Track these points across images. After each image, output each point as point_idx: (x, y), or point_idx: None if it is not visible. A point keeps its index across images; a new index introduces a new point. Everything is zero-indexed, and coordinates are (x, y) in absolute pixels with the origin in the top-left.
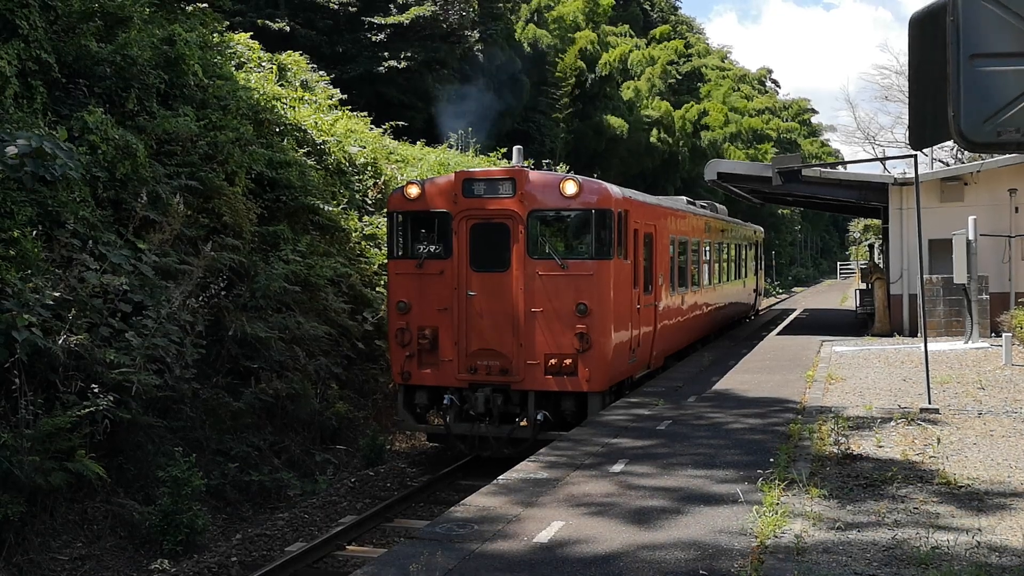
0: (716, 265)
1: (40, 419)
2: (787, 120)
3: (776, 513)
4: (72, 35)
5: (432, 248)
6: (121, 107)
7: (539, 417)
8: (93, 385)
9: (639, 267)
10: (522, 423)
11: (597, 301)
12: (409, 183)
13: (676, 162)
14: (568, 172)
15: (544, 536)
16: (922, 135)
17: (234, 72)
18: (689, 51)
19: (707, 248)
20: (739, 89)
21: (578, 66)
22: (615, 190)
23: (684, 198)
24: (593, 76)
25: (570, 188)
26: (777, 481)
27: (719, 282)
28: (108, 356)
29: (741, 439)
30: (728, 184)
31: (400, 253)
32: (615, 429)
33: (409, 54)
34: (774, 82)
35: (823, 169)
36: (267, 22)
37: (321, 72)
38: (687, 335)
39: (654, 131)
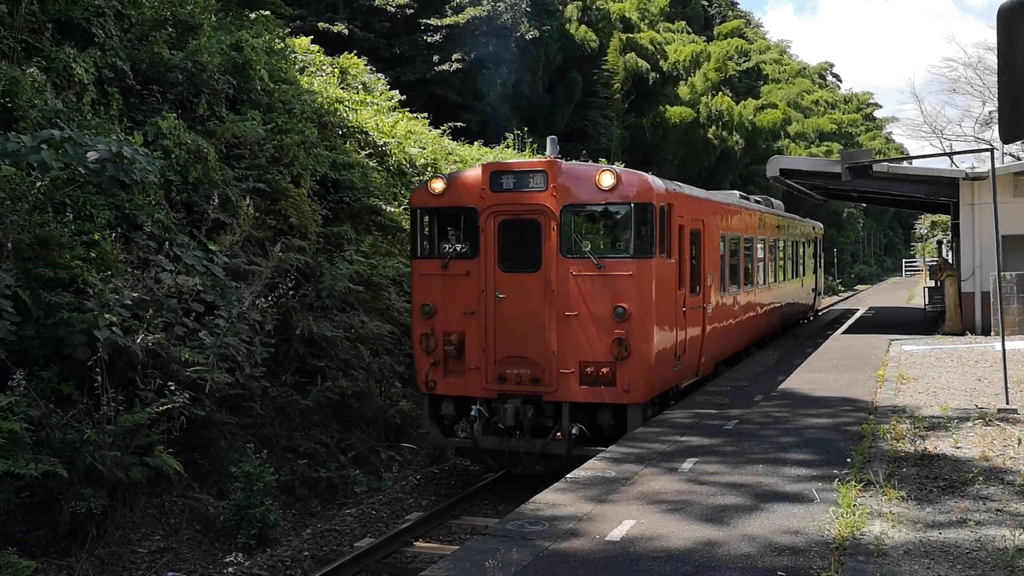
0: (771, 263)
1: (121, 415)
2: (848, 114)
3: (854, 514)
4: (145, 43)
5: (458, 247)
6: (192, 112)
7: (574, 431)
8: (169, 383)
9: (684, 266)
10: (558, 436)
11: (637, 303)
12: (434, 177)
13: (732, 158)
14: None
15: (616, 534)
16: (1014, 128)
17: (298, 76)
18: (748, 47)
19: (761, 245)
20: (794, 82)
21: (634, 63)
22: (657, 182)
23: (737, 192)
24: (653, 75)
25: (607, 180)
26: (853, 481)
27: (775, 281)
28: (183, 355)
29: (812, 438)
30: (790, 180)
31: (424, 253)
32: (681, 427)
33: (460, 55)
34: (835, 76)
35: (892, 164)
36: (327, 26)
37: (379, 75)
38: (740, 339)
39: (712, 128)
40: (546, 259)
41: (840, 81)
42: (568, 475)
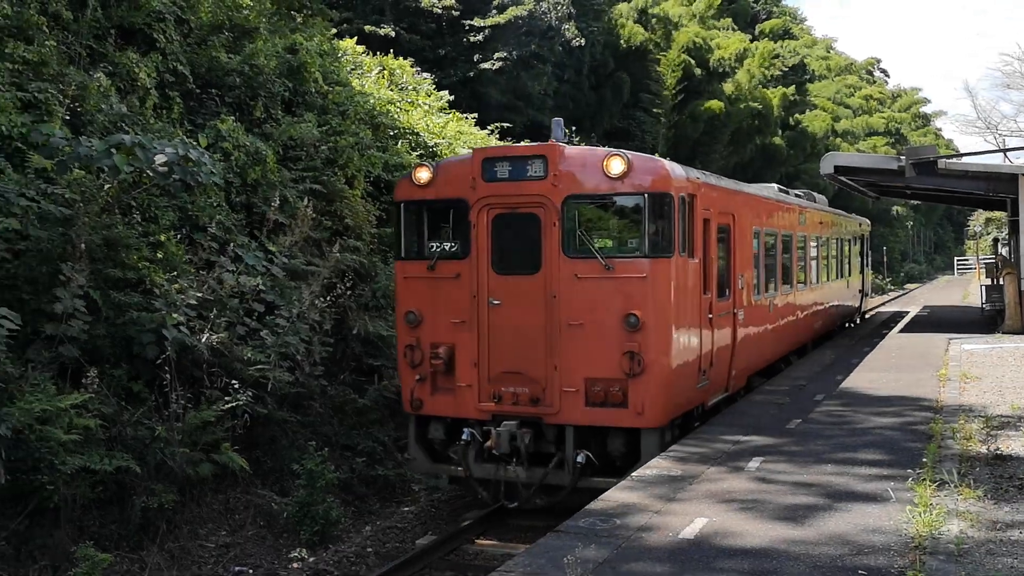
0: (813, 262)
1: (188, 413)
2: (895, 111)
3: (931, 513)
4: (204, 47)
5: (446, 246)
6: (249, 115)
7: (579, 459)
8: (233, 381)
9: (711, 266)
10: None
11: (652, 310)
12: (418, 165)
13: (780, 156)
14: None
15: (690, 532)
16: None
17: (350, 78)
18: (794, 44)
19: (802, 243)
20: (842, 78)
21: (682, 61)
22: (676, 169)
23: (775, 185)
24: (699, 71)
25: (616, 166)
26: (927, 481)
27: (817, 282)
28: (246, 354)
29: (879, 438)
30: (844, 177)
31: (409, 252)
32: (744, 427)
33: (504, 54)
34: (883, 71)
35: (954, 160)
36: (374, 28)
37: (426, 75)
38: (777, 347)
39: (758, 125)
40: (546, 259)
41: (888, 77)
42: (634, 473)
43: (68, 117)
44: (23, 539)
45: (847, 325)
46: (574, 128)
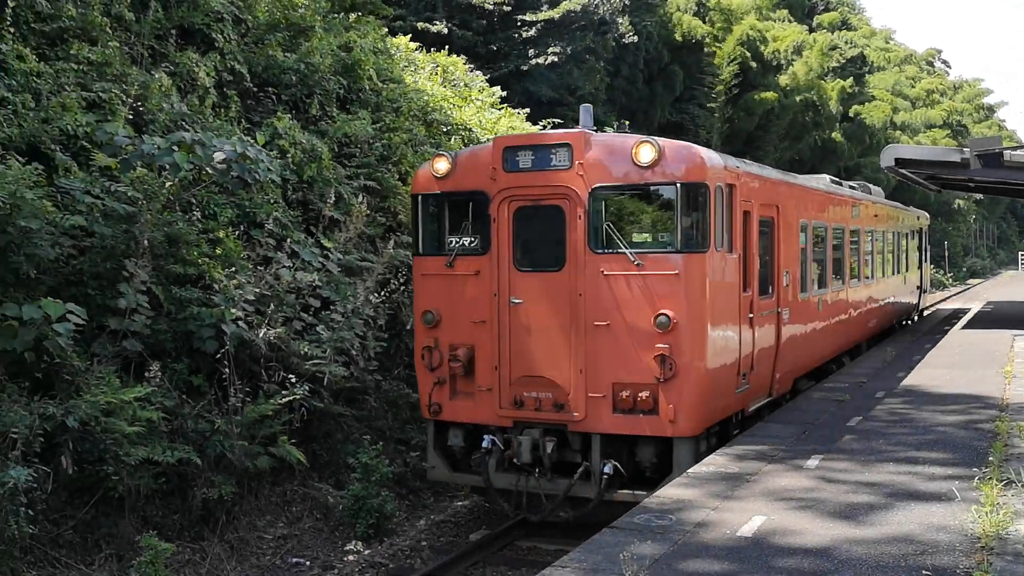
0: (867, 257)
1: (246, 406)
2: (957, 102)
3: (998, 513)
4: (260, 46)
5: (465, 241)
6: (305, 112)
7: (606, 470)
8: (290, 375)
9: (752, 262)
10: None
11: (685, 310)
12: (437, 155)
13: (837, 149)
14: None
15: (747, 529)
16: None
17: (403, 75)
18: (852, 34)
19: (855, 236)
20: (901, 69)
21: (738, 54)
22: (712, 157)
23: (827, 176)
24: (754, 64)
25: (646, 154)
26: (994, 480)
27: (871, 278)
28: (302, 348)
29: (942, 436)
30: (904, 171)
31: (426, 248)
32: (803, 424)
33: (557, 49)
34: (944, 62)
35: (1022, 151)
36: (426, 25)
37: (478, 72)
38: (827, 348)
39: (815, 118)
40: (571, 255)
41: (949, 67)
42: (690, 470)
43: (131, 116)
44: (90, 528)
45: (904, 323)
46: (627, 122)
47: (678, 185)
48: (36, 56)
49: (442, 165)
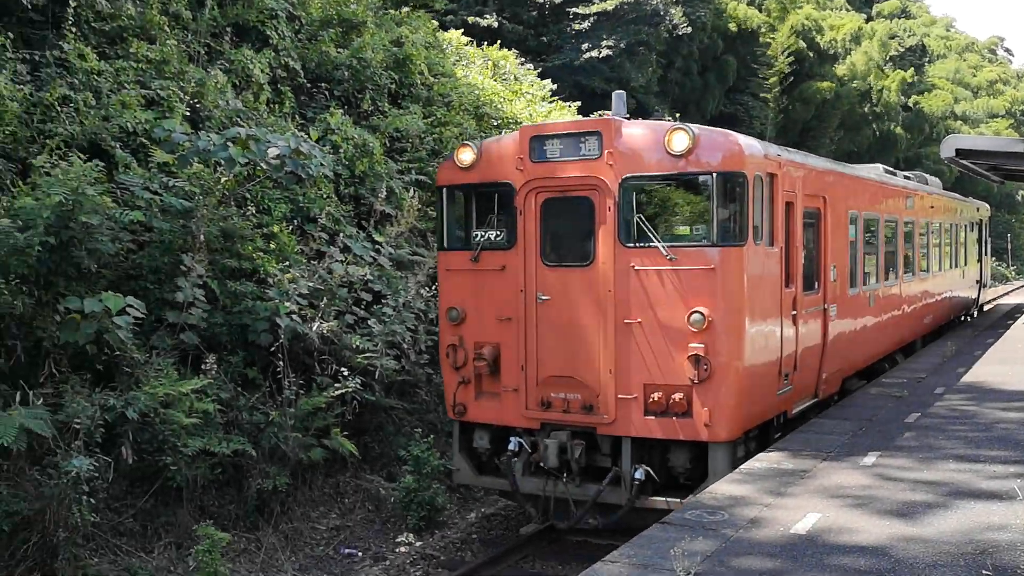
0: (923, 250)
1: (300, 399)
2: (1021, 91)
3: None
4: (314, 42)
5: (491, 235)
6: (357, 108)
7: (637, 475)
8: (342, 368)
9: (795, 255)
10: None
11: (721, 307)
12: (462, 145)
13: (895, 140)
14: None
15: (802, 527)
16: None
17: (454, 69)
18: (911, 22)
19: (909, 229)
20: (962, 58)
21: (792, 44)
22: (752, 144)
23: (880, 166)
24: (810, 54)
25: (680, 142)
26: None
27: (927, 272)
28: (354, 342)
29: (1004, 433)
30: (966, 161)
31: (451, 242)
32: (859, 420)
33: (611, 42)
34: (1007, 51)
35: None
36: (477, 19)
37: (529, 66)
38: (878, 346)
39: (873, 108)
40: (601, 249)
41: (1012, 56)
42: (743, 466)
43: (188, 113)
44: (149, 517)
45: (963, 318)
46: (678, 115)
47: (714, 175)
48: (97, 55)
49: (467, 156)
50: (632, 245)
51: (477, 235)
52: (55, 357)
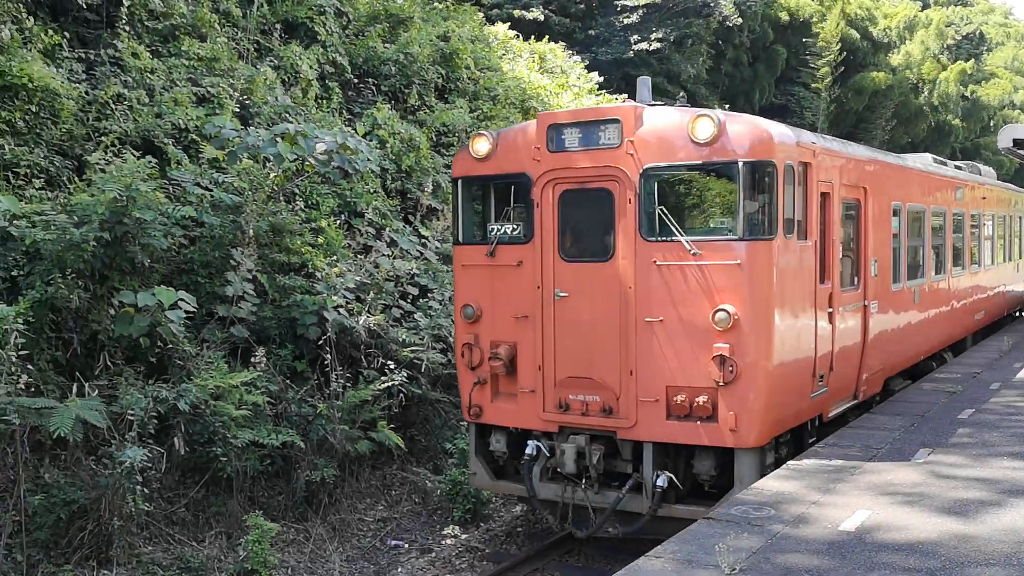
0: (974, 243)
1: (347, 392)
2: None
3: None
4: (361, 38)
5: (508, 229)
6: (404, 102)
7: (659, 482)
8: (389, 362)
9: (831, 249)
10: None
11: (748, 304)
12: (477, 134)
13: (951, 130)
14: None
15: (850, 524)
16: None
17: (500, 63)
18: (968, 10)
19: (959, 221)
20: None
21: (843, 32)
22: (782, 132)
23: (929, 155)
24: (863, 43)
25: (704, 129)
26: None
27: (977, 265)
28: (401, 335)
29: None
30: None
31: (467, 237)
32: (910, 417)
33: (660, 34)
34: None
35: None
36: (523, 12)
37: (576, 57)
38: (924, 343)
39: (927, 98)
40: (621, 243)
41: None
42: (790, 462)
43: (238, 109)
44: (200, 507)
45: (1018, 313)
46: (727, 106)
47: (740, 163)
48: (150, 53)
49: (482, 146)
50: (654, 239)
51: (493, 229)
52: (110, 350)
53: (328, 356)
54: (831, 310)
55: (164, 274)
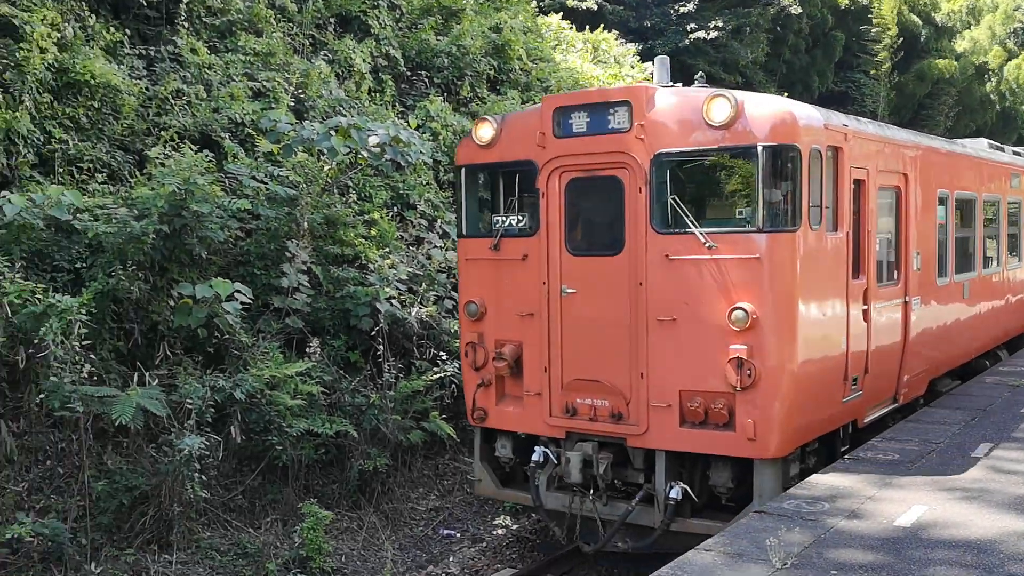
0: None
1: (399, 382)
2: None
3: None
4: (414, 30)
5: (512, 220)
6: (456, 94)
7: (672, 493)
8: (440, 352)
9: (866, 242)
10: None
11: (768, 302)
12: (480, 119)
13: (1014, 116)
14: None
15: (905, 519)
16: None
17: (553, 54)
18: None
19: (1015, 210)
20: None
21: (904, 17)
22: (808, 113)
23: (985, 140)
24: (925, 29)
25: (720, 110)
26: None
27: None
28: (452, 326)
29: None
30: None
31: (470, 229)
32: (971, 411)
33: (720, 23)
34: None
35: None
36: (576, 2)
37: (629, 45)
38: (974, 342)
39: (989, 84)
40: (631, 236)
41: None
42: (846, 455)
43: (292, 103)
44: (257, 494)
45: None
46: (785, 93)
47: (759, 148)
48: (207, 49)
49: (486, 131)
50: (666, 231)
51: (497, 220)
52: (169, 340)
53: (381, 347)
54: (865, 307)
55: (221, 266)
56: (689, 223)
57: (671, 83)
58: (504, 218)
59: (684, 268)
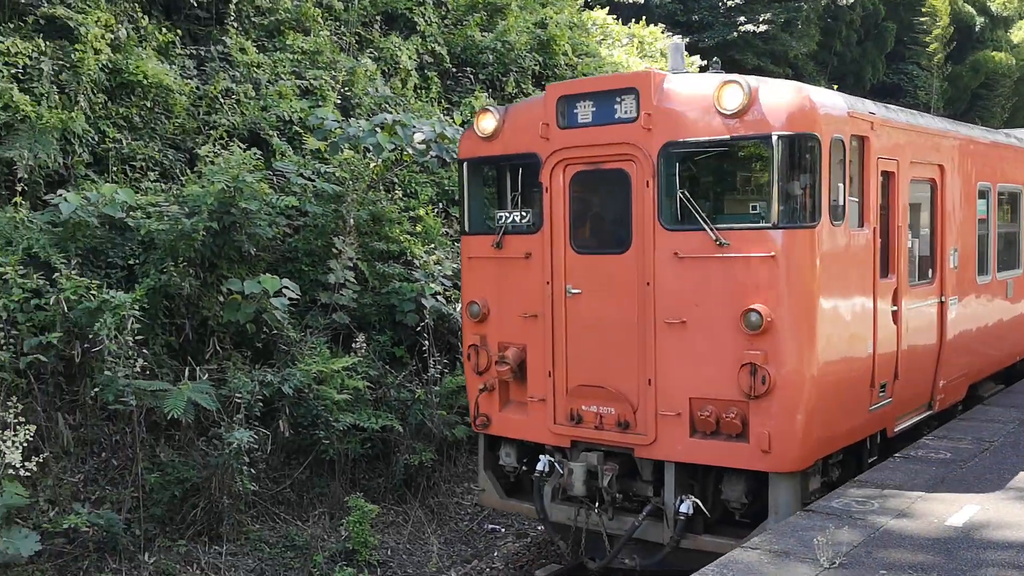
0: None
1: (444, 378)
2: None
3: None
4: (459, 27)
5: (515, 216)
6: (501, 90)
7: (683, 508)
8: None
9: (896, 238)
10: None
11: (785, 304)
12: (482, 110)
13: None
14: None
15: (957, 519)
16: None
17: (599, 49)
18: None
19: None
20: None
21: (958, 7)
22: (829, 100)
23: None
24: (980, 19)
25: (732, 98)
26: None
27: None
28: None
29: None
30: None
31: (473, 225)
32: None
33: (769, 16)
34: None
35: None
36: None
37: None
38: (1016, 344)
39: None
40: (638, 233)
41: None
42: (897, 453)
43: (339, 101)
44: (304, 487)
45: None
46: (836, 86)
47: (775, 137)
48: (256, 48)
49: (488, 123)
50: (675, 228)
51: (500, 217)
52: (219, 335)
53: (426, 342)
54: (895, 308)
55: (269, 262)
56: (699, 219)
57: (685, 70)
58: (507, 214)
59: (694, 267)
